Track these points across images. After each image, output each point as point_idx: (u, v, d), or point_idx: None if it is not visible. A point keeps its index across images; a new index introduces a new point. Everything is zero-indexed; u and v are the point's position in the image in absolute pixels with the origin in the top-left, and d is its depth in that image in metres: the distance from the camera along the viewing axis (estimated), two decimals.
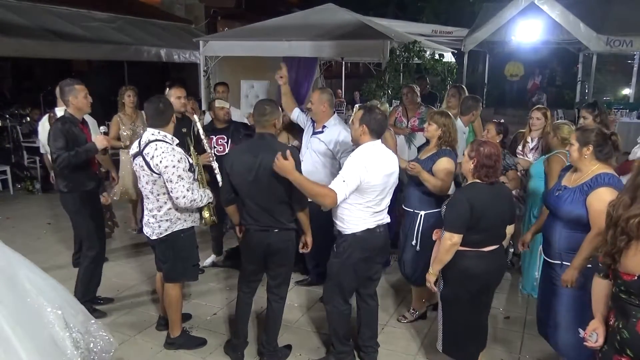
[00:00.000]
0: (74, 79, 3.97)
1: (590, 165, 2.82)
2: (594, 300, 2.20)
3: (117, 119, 5.66)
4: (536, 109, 4.72)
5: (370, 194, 3.00)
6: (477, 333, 3.12)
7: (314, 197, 2.93)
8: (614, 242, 1.97)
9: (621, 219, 1.94)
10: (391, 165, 3.09)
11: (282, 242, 3.25)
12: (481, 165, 2.87)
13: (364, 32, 7.32)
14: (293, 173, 2.85)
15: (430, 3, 16.21)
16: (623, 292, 1.98)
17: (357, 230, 3.07)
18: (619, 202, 2.00)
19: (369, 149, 3.03)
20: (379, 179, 2.99)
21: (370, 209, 3.06)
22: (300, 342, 3.75)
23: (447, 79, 7.77)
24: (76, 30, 8.67)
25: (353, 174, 2.91)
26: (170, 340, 3.62)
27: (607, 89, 12.40)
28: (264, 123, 3.18)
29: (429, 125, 3.73)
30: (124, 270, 5.04)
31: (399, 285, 4.66)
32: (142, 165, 3.24)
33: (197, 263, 3.67)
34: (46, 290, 2.92)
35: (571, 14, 8.58)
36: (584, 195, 2.75)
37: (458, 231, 2.84)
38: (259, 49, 7.75)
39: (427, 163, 3.68)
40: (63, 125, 3.76)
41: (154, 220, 3.36)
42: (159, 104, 3.29)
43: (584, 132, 2.87)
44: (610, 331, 2.07)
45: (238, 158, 3.19)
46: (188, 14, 14.12)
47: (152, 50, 9.70)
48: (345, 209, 3.05)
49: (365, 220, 3.07)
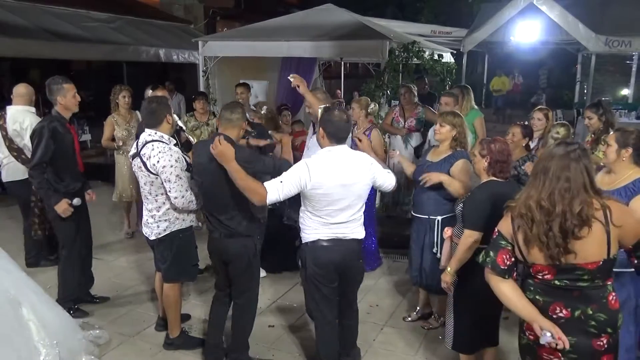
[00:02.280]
0: (62, 77, 3.92)
1: (627, 168, 2.77)
2: (521, 302, 2.11)
3: (111, 119, 5.59)
4: (538, 109, 4.70)
5: (318, 202, 2.81)
6: (488, 329, 3.08)
7: (244, 191, 2.77)
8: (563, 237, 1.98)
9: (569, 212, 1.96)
10: (349, 176, 2.81)
11: (236, 249, 3.14)
12: (495, 161, 2.87)
13: (363, 33, 7.32)
14: (231, 162, 2.77)
15: (429, 3, 16.23)
16: (584, 281, 2.03)
17: (309, 239, 2.93)
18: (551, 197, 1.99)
19: (323, 154, 2.84)
20: (328, 187, 2.76)
21: (321, 219, 2.86)
22: (299, 344, 3.75)
23: (446, 79, 7.75)
24: (75, 31, 8.67)
25: (293, 176, 2.75)
26: (169, 341, 3.61)
27: (606, 89, 12.39)
28: (226, 125, 3.08)
29: (441, 127, 3.56)
30: (123, 270, 5.04)
31: (398, 286, 4.67)
32: (140, 166, 3.24)
33: (196, 263, 3.66)
34: (51, 324, 3.02)
35: (570, 15, 8.57)
36: (626, 199, 2.65)
37: (479, 229, 2.81)
38: (258, 49, 7.75)
39: (442, 166, 3.52)
40: (49, 124, 3.74)
41: (153, 221, 3.36)
42: (151, 104, 3.30)
43: (623, 134, 2.81)
44: (566, 322, 2.05)
45: (198, 155, 3.13)
46: (187, 14, 14.13)
47: (151, 50, 9.70)
48: (301, 215, 2.95)
49: (317, 230, 2.89)
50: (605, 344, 2.05)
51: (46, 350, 2.94)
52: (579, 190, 1.98)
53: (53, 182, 3.80)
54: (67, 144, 3.86)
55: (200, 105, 5.87)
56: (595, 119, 4.42)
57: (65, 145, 3.83)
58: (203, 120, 5.80)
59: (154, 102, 3.34)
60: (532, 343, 2.14)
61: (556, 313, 2.07)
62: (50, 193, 3.77)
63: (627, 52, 10.76)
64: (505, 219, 2.17)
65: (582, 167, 2.00)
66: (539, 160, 2.15)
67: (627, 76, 12.71)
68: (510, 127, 4.19)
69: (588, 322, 2.05)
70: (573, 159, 2.00)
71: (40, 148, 3.70)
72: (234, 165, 2.79)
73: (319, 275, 2.94)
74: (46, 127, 3.72)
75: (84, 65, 12.52)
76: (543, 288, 2.10)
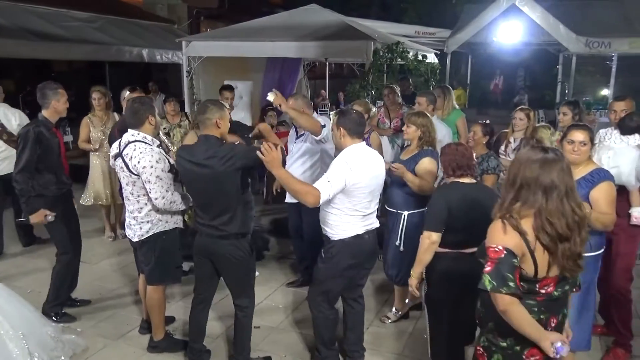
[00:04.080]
0: (56, 83, 3.90)
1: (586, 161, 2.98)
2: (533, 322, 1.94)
3: (87, 120, 5.49)
4: (519, 109, 4.76)
5: (357, 196, 2.97)
6: (463, 335, 3.10)
7: (296, 194, 2.85)
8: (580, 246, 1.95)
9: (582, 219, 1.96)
10: (377, 167, 3.07)
11: (229, 250, 3.10)
12: (454, 163, 2.95)
13: (347, 33, 7.34)
14: (280, 169, 2.79)
15: (414, 4, 16.32)
16: (570, 284, 2.04)
17: (346, 236, 3.03)
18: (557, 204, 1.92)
19: (353, 151, 2.99)
20: (365, 181, 2.96)
21: (359, 213, 3.02)
22: (285, 345, 3.74)
23: (430, 79, 7.81)
24: (56, 30, 8.54)
25: (338, 174, 2.88)
26: (154, 344, 3.58)
27: (587, 89, 12.59)
28: (205, 122, 3.02)
29: (408, 127, 3.74)
30: (106, 272, 4.98)
31: (383, 286, 4.68)
32: (122, 167, 3.21)
33: (181, 265, 3.63)
34: (12, 315, 2.98)
35: (551, 16, 8.69)
36: (586, 189, 2.87)
37: (435, 229, 2.87)
38: (242, 50, 7.72)
39: (409, 164, 3.69)
40: (35, 129, 3.70)
41: (135, 222, 3.33)
42: (134, 105, 3.27)
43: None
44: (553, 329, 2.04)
45: (185, 163, 3.04)
46: (171, 14, 14.02)
47: (134, 50, 9.61)
48: (333, 215, 3.02)
49: (354, 225, 3.03)
50: None
51: (13, 344, 2.91)
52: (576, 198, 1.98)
53: (40, 186, 3.76)
54: (53, 148, 3.81)
55: (170, 107, 5.84)
56: (569, 116, 4.52)
57: (51, 149, 3.78)
58: (175, 122, 5.77)
59: (136, 102, 3.31)
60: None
61: (551, 325, 2.04)
62: (31, 201, 3.71)
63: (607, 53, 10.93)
64: (511, 234, 1.93)
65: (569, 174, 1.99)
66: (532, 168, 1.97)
67: (607, 77, 12.91)
68: (472, 125, 4.31)
69: (564, 322, 2.12)
70: (566, 166, 1.97)
71: (25, 153, 3.65)
72: (283, 172, 2.81)
73: (351, 268, 3.09)
74: (31, 131, 3.68)
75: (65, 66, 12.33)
76: (545, 304, 2.01)
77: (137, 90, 4.76)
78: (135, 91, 4.72)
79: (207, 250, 3.16)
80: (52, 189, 3.83)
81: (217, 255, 3.14)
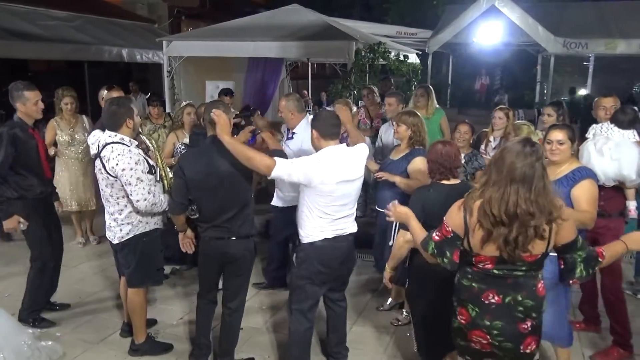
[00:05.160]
0: (26, 83, 3.74)
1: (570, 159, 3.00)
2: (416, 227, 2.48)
3: (53, 123, 5.25)
4: (499, 109, 4.81)
5: (325, 198, 2.87)
6: (444, 332, 3.13)
7: (248, 161, 2.76)
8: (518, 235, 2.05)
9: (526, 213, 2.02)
10: (352, 172, 2.92)
11: (240, 251, 3.13)
12: (437, 164, 2.93)
13: (329, 33, 7.35)
14: (228, 135, 2.78)
15: (395, 5, 16.40)
16: (521, 271, 2.15)
17: (315, 239, 2.95)
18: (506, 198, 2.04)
19: (327, 151, 2.89)
20: (333, 183, 2.83)
21: (329, 216, 2.92)
22: (269, 346, 3.73)
23: (412, 79, 7.87)
24: (33, 29, 8.38)
25: (304, 162, 2.81)
26: (135, 347, 3.53)
27: (565, 89, 12.81)
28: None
29: (398, 126, 3.71)
30: (86, 276, 4.90)
31: (367, 285, 4.70)
32: (100, 168, 3.17)
33: (162, 267, 3.59)
34: None
35: (530, 17, 8.84)
36: (567, 187, 2.88)
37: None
38: (224, 50, 7.67)
39: (401, 164, 3.65)
40: (9, 130, 3.62)
41: (115, 224, 3.28)
42: (112, 107, 3.21)
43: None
44: (496, 307, 2.19)
45: (193, 163, 3.05)
46: (151, 13, 13.89)
47: (114, 50, 9.48)
48: (304, 214, 2.96)
49: (323, 228, 2.94)
50: (529, 327, 2.20)
51: None
52: (538, 194, 2.03)
53: (22, 189, 3.68)
54: (31, 149, 3.72)
55: (155, 111, 5.63)
56: (554, 117, 4.57)
57: (28, 151, 3.70)
58: (159, 123, 5.69)
59: (114, 104, 3.23)
60: (463, 327, 2.28)
61: (489, 299, 2.20)
62: (7, 205, 3.63)
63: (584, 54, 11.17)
64: (458, 212, 2.21)
65: (542, 168, 2.06)
66: (501, 156, 2.12)
67: (585, 77, 13.19)
68: (459, 124, 4.36)
69: (516, 308, 2.19)
70: (537, 159, 2.05)
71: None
72: (232, 140, 2.79)
73: (322, 273, 2.99)
74: (5, 133, 3.60)
75: (43, 66, 12.11)
76: (481, 276, 2.21)
77: (115, 88, 4.66)
78: (112, 90, 4.61)
79: (218, 251, 3.14)
80: (35, 192, 3.76)
81: (225, 255, 3.13)
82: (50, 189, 3.97)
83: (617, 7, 10.52)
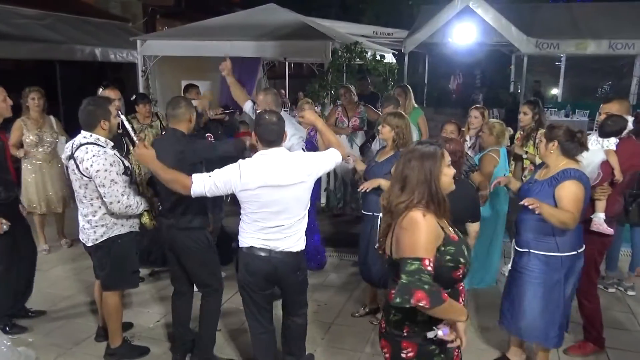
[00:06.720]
0: None
1: (557, 160, 2.98)
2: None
3: (20, 123, 5.08)
4: (474, 108, 4.86)
5: (250, 204, 2.75)
6: None
7: (168, 183, 2.74)
8: (387, 227, 2.12)
9: (393, 205, 2.08)
10: (286, 177, 2.71)
11: (186, 242, 3.17)
12: None
13: (306, 33, 7.34)
14: (151, 163, 2.73)
15: (372, 5, 16.49)
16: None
17: (243, 245, 2.86)
18: (391, 191, 2.12)
19: (256, 157, 2.77)
20: (255, 188, 2.69)
21: (258, 223, 2.78)
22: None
23: (389, 79, 7.91)
24: (2, 28, 8.15)
25: (223, 173, 2.72)
26: (111, 351, 3.47)
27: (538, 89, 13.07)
28: (173, 120, 3.19)
29: (383, 127, 3.67)
30: (59, 279, 4.80)
31: (345, 284, 4.71)
32: (74, 169, 3.10)
33: (137, 269, 3.53)
34: None
35: (503, 18, 8.98)
36: (552, 187, 2.91)
37: None
38: (200, 49, 7.59)
39: (385, 166, 3.60)
40: None
41: (89, 226, 3.22)
42: (88, 106, 3.15)
43: (551, 129, 3.03)
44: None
45: None
46: (124, 11, 13.63)
47: (86, 49, 9.27)
48: (241, 218, 2.89)
49: (251, 235, 2.82)
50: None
51: None
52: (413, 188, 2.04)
53: None
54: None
55: (145, 109, 5.55)
56: (529, 115, 4.66)
57: None
58: (146, 122, 5.60)
59: (91, 104, 3.17)
60: None
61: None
62: None
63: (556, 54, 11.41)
64: None
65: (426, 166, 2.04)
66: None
67: (557, 77, 13.48)
68: (445, 124, 4.39)
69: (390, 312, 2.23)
70: (417, 157, 2.05)
71: None
72: (155, 165, 2.74)
73: (250, 282, 2.89)
74: None
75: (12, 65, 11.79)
76: None
77: (111, 87, 4.55)
78: (108, 89, 4.51)
79: (167, 240, 3.24)
80: (0, 197, 3.63)
81: (174, 245, 3.22)
82: (16, 194, 3.83)
83: (587, 9, 10.79)
